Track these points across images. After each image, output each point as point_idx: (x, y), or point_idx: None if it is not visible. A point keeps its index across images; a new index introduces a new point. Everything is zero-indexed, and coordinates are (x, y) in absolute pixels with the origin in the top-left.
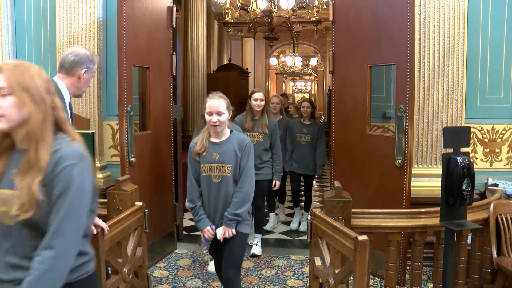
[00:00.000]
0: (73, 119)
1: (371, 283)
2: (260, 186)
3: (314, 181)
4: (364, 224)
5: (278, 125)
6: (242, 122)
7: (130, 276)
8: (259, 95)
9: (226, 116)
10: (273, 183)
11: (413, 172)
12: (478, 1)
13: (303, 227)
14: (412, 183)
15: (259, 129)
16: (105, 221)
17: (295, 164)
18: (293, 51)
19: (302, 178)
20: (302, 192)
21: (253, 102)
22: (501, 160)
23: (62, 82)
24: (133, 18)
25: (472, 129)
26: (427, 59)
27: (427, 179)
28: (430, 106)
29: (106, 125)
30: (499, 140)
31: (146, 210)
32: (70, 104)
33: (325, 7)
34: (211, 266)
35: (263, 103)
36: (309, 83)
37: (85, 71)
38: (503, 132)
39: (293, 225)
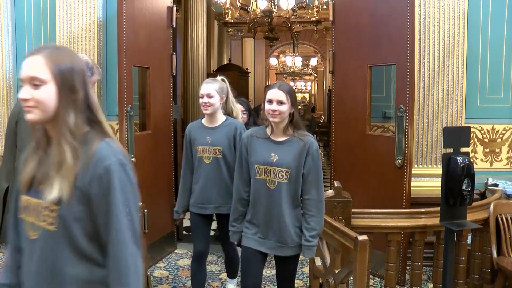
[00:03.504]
0: None
1: (371, 283)
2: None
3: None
4: (364, 224)
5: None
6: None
7: None
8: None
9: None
10: None
11: (413, 172)
12: (478, 1)
13: None
14: (412, 183)
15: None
16: None
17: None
18: (293, 51)
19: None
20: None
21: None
22: (501, 160)
23: None
24: (133, 18)
25: (472, 129)
26: (427, 59)
27: (427, 179)
28: (430, 106)
29: None
30: (499, 140)
31: (146, 210)
32: None
33: (325, 7)
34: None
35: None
36: (309, 83)
37: None
38: (503, 132)
39: None
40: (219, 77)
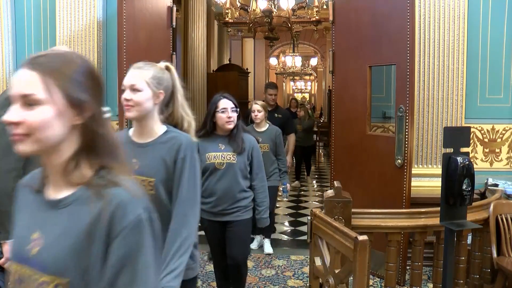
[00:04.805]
0: None
1: (371, 283)
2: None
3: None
4: (364, 224)
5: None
6: None
7: None
8: (130, 76)
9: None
10: None
11: (413, 172)
12: (478, 1)
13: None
14: (412, 183)
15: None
16: None
17: None
18: (293, 51)
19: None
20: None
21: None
22: (501, 160)
23: None
24: (133, 18)
25: (472, 129)
26: (427, 59)
27: (427, 179)
28: (430, 106)
29: None
30: (499, 140)
31: None
32: None
33: (325, 7)
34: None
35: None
36: (309, 83)
37: None
38: (503, 132)
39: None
40: (162, 63)
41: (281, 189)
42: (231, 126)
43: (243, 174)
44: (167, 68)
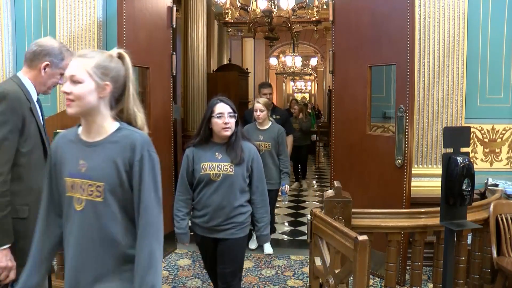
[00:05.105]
0: (44, 118)
1: (371, 283)
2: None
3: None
4: (364, 224)
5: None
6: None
7: None
8: (70, 66)
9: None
10: None
11: (413, 172)
12: (478, 1)
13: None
14: (412, 183)
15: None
16: None
17: None
18: (293, 51)
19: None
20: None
21: None
22: (501, 160)
23: (26, 77)
24: (133, 18)
25: (472, 129)
26: (427, 59)
27: (427, 179)
28: (430, 106)
29: None
30: (499, 140)
31: None
32: (38, 100)
33: (325, 7)
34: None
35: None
36: (309, 83)
37: (47, 64)
38: (503, 132)
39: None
40: (114, 50)
41: (281, 189)
42: (228, 133)
43: (240, 187)
44: (120, 56)
